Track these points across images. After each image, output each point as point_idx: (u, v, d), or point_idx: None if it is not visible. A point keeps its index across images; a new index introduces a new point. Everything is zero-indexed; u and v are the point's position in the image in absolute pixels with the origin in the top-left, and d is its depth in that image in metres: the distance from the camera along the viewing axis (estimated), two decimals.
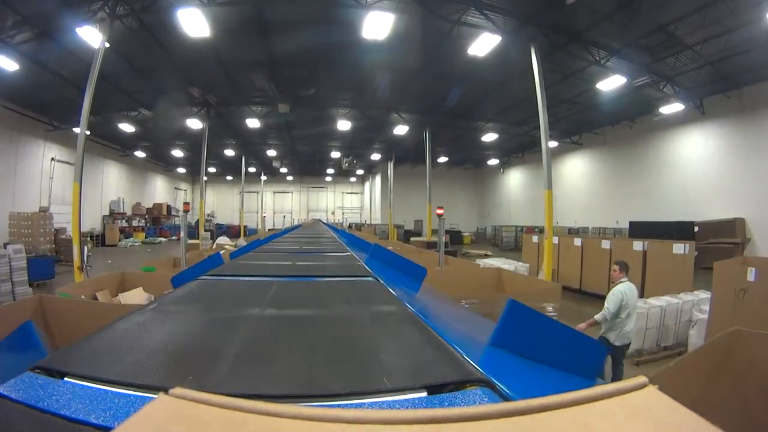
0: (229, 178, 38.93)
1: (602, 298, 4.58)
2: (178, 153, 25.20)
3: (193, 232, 31.37)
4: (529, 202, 26.36)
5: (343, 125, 18.87)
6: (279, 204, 40.75)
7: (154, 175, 31.83)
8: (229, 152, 25.07)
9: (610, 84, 13.41)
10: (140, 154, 26.65)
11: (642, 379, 0.38)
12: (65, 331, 2.33)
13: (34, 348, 1.03)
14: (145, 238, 26.37)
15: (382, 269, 2.12)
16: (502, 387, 0.61)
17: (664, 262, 8.09)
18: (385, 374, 0.68)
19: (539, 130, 10.71)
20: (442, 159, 27.80)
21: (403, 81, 14.31)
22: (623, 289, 4.14)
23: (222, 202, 39.65)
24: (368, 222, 34.42)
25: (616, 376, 4.09)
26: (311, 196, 41.71)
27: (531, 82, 10.61)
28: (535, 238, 12.37)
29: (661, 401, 0.36)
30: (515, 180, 29.41)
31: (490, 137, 21.84)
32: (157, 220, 29.45)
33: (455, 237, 26.13)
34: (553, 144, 17.71)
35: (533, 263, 11.49)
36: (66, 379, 0.63)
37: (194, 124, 17.95)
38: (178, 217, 32.03)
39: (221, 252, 3.92)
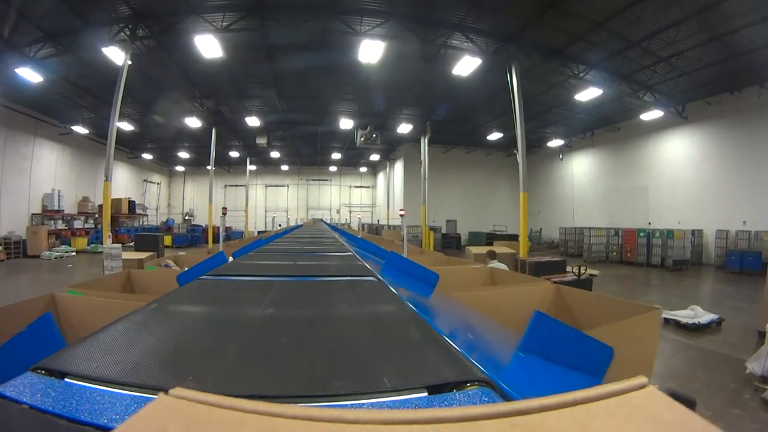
0: (210, 168, 34.75)
1: None
2: (126, 126, 17.59)
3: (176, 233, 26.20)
4: (602, 197, 20.73)
5: (364, 71, 13.29)
6: (272, 200, 33.58)
7: (113, 163, 27.66)
8: (197, 124, 18.10)
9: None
10: (82, 130, 18.16)
11: (642, 379, 0.38)
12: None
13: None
14: (88, 244, 20.01)
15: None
16: (502, 387, 0.61)
17: None
18: (386, 374, 0.68)
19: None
20: (495, 135, 20.32)
21: None
22: None
23: (203, 198, 30.63)
24: (385, 223, 27.56)
25: None
26: (311, 191, 34.32)
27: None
28: None
29: (661, 401, 0.36)
30: (581, 168, 22.58)
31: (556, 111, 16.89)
32: (114, 221, 22.88)
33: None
34: (655, 115, 15.75)
35: None
36: (66, 379, 0.63)
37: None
38: (146, 216, 27.39)
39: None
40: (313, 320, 1.14)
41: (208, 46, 10.77)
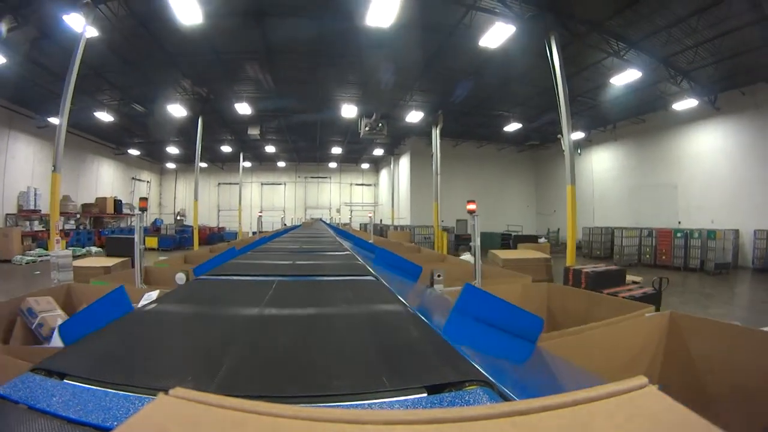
0: (203, 165, 29.88)
1: None
2: (106, 117, 16.56)
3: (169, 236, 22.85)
4: (626, 195, 19.36)
5: (373, 41, 11.44)
6: (268, 199, 31.92)
7: (97, 160, 22.78)
8: (181, 113, 16.67)
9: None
10: (55, 121, 16.46)
11: (642, 379, 0.38)
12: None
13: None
14: (66, 247, 18.49)
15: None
16: (502, 387, 0.61)
17: None
18: (385, 374, 0.68)
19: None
20: (513, 126, 18.81)
21: None
22: None
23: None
24: (389, 222, 26.17)
25: None
26: (310, 189, 32.52)
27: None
28: None
29: (661, 401, 0.36)
30: (602, 163, 20.97)
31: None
32: (98, 222, 21.79)
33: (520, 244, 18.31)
34: (688, 104, 14.72)
35: None
36: (66, 379, 0.64)
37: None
38: (133, 216, 24.42)
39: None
40: (313, 320, 1.15)
41: (186, 8, 9.26)
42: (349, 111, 16.40)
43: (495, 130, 20.71)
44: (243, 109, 16.07)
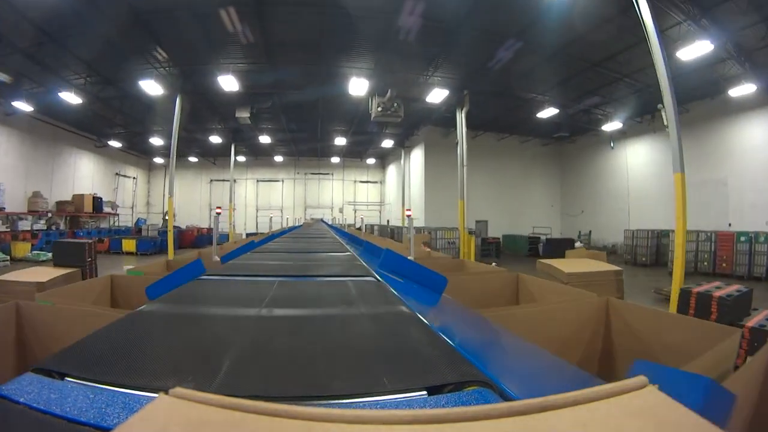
0: (193, 159, 27.64)
1: None
2: (73, 99, 13.96)
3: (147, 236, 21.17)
4: (667, 193, 17.46)
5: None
6: (264, 197, 29.75)
7: (75, 152, 20.62)
8: (156, 90, 13.81)
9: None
10: (26, 107, 15.05)
11: (642, 379, 0.38)
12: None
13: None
14: (32, 251, 16.34)
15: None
16: (502, 387, 0.61)
17: None
18: (386, 374, 0.68)
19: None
20: (548, 112, 16.17)
21: None
22: None
23: (186, 195, 28.14)
24: (399, 224, 23.92)
25: None
26: (310, 186, 30.31)
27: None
28: None
29: (661, 401, 0.36)
30: (638, 157, 19.01)
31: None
32: (75, 222, 19.95)
33: (555, 249, 15.81)
34: (745, 90, 12.95)
35: None
36: (66, 379, 0.65)
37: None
38: (116, 215, 23.91)
39: None
40: (314, 320, 1.15)
41: None
42: (358, 87, 13.50)
43: (523, 118, 18.31)
44: (229, 84, 13.33)
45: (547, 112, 16.27)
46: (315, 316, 1.25)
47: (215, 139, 22.10)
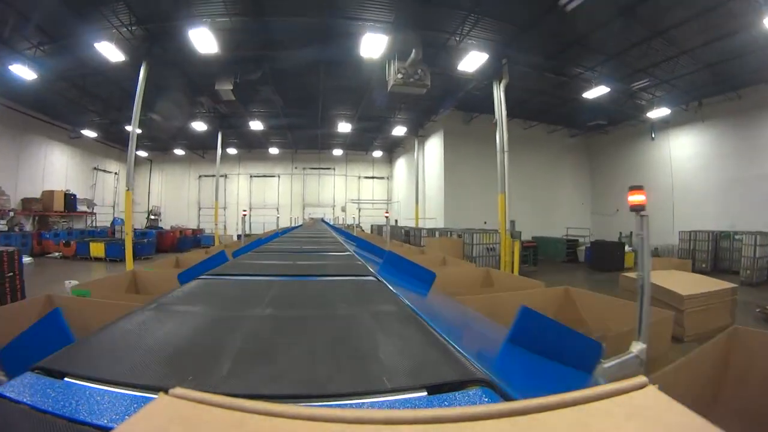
0: (179, 152, 25.20)
1: None
2: (27, 74, 11.94)
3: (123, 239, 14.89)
4: (717, 189, 15.70)
5: None
6: (259, 194, 27.00)
7: (46, 144, 18.49)
8: (117, 56, 10.95)
9: None
10: None
11: (642, 379, 0.39)
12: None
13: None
14: None
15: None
16: (502, 387, 0.61)
17: None
18: (386, 374, 0.68)
19: None
20: (597, 91, 13.47)
21: None
22: None
23: (173, 192, 26.16)
24: (411, 224, 21.32)
25: None
26: (309, 183, 27.70)
27: None
28: None
29: (661, 401, 0.37)
30: (683, 150, 16.84)
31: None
32: (44, 222, 17.75)
33: (605, 254, 14.43)
34: None
35: None
36: (66, 379, 0.65)
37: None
38: (93, 214, 21.79)
39: None
40: (313, 320, 1.16)
41: None
42: (372, 46, 10.46)
43: (556, 103, 16.09)
44: (205, 42, 10.30)
45: (595, 92, 13.68)
46: (315, 315, 1.26)
47: (199, 126, 18.75)
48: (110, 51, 10.58)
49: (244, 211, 11.73)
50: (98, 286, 4.39)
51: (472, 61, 11.29)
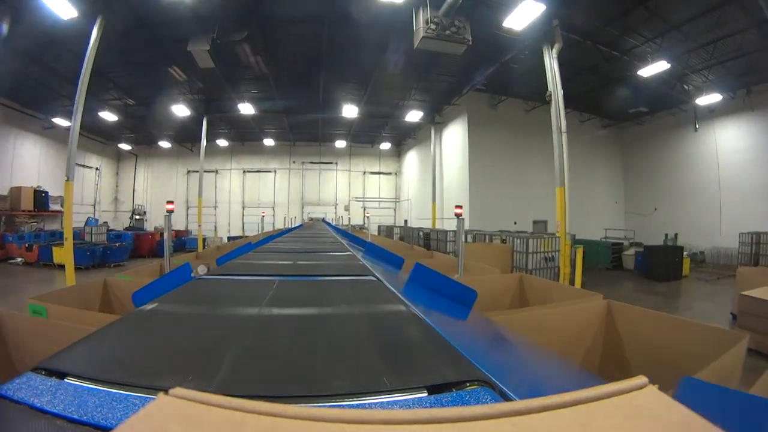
0: (166, 145, 23.09)
1: None
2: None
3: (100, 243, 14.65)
4: None
5: None
6: (253, 191, 24.75)
7: (15, 134, 16.33)
8: (69, 12, 8.71)
9: None
10: None
11: (642, 379, 0.39)
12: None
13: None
14: None
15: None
16: (502, 387, 0.61)
17: None
18: (386, 374, 0.68)
19: None
20: (656, 68, 11.61)
21: None
22: None
23: (160, 188, 23.77)
24: (428, 225, 18.41)
25: None
26: (309, 178, 25.16)
27: None
28: None
29: (661, 401, 0.37)
30: (731, 142, 14.99)
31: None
32: (9, 222, 16.09)
33: (660, 260, 12.39)
34: None
35: None
36: (66, 379, 0.64)
37: None
38: (75, 213, 17.60)
39: None
40: (314, 319, 1.16)
41: None
42: None
43: (594, 85, 13.99)
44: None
45: (653, 69, 11.66)
46: (315, 315, 1.26)
47: (181, 111, 15.87)
48: (58, 4, 8.57)
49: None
50: (60, 297, 3.38)
51: (524, 14, 8.61)
